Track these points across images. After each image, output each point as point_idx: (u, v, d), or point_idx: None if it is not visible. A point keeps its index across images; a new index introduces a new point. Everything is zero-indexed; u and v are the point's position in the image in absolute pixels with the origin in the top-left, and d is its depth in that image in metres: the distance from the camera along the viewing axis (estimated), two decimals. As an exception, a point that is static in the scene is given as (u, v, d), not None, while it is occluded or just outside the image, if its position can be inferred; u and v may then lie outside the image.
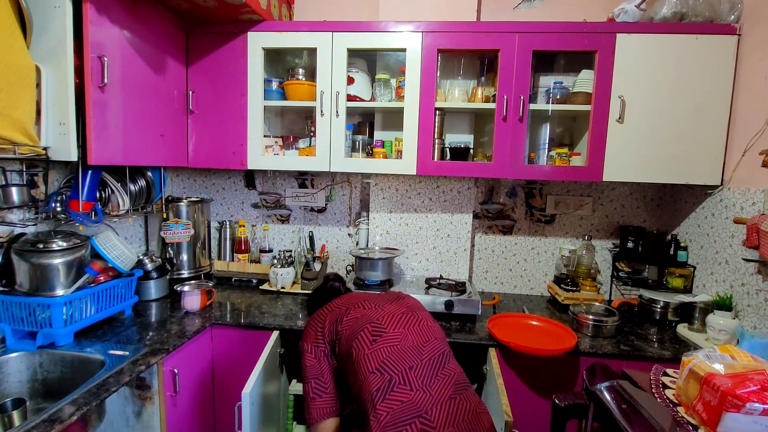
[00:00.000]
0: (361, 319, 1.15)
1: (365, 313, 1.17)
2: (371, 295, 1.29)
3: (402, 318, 1.17)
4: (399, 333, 1.13)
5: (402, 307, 1.22)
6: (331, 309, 1.25)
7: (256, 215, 2.33)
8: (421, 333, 1.16)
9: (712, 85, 1.66)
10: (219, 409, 1.73)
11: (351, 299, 1.26)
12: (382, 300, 1.25)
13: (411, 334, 1.14)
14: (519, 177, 1.82)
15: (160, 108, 1.72)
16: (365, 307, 1.20)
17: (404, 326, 1.15)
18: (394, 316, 1.17)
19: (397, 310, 1.19)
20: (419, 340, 1.13)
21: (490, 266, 2.23)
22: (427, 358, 1.11)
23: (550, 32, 1.70)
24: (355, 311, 1.18)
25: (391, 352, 1.08)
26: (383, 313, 1.17)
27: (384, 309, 1.19)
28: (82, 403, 1.06)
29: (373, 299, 1.25)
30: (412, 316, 1.20)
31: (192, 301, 1.74)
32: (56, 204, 1.53)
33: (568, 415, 1.13)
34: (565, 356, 1.51)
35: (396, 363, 1.07)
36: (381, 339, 1.10)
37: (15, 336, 1.36)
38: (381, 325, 1.13)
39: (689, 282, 1.85)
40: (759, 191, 1.51)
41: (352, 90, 1.89)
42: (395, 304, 1.24)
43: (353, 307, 1.20)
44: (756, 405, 0.78)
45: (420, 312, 1.24)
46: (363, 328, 1.12)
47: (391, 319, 1.16)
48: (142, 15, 1.58)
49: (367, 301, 1.23)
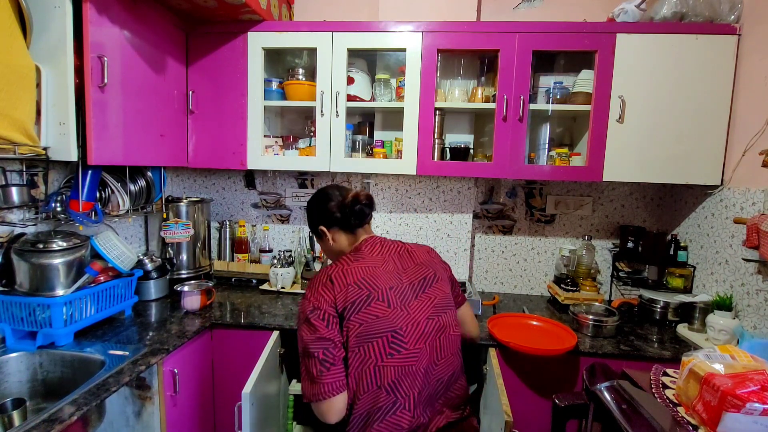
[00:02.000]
0: (383, 320, 1.01)
1: (389, 314, 1.02)
2: (398, 273, 1.10)
3: (426, 328, 1.06)
4: (418, 350, 1.03)
5: (429, 308, 1.09)
6: (347, 281, 1.04)
7: (256, 215, 2.33)
8: (439, 349, 1.07)
9: (712, 85, 1.66)
10: (219, 409, 1.73)
11: (376, 275, 1.06)
12: (410, 287, 1.10)
13: (429, 352, 1.05)
14: (519, 177, 1.82)
15: (160, 108, 1.72)
16: (391, 303, 1.04)
17: (425, 340, 1.05)
18: (419, 324, 1.05)
19: (423, 314, 1.07)
20: (435, 358, 1.06)
21: (490, 266, 2.23)
22: (436, 381, 1.06)
23: (550, 32, 1.70)
24: (377, 305, 1.02)
25: (405, 372, 1.01)
26: (408, 320, 1.04)
27: (410, 310, 1.06)
28: (82, 403, 1.06)
29: (400, 286, 1.08)
30: (436, 324, 1.08)
31: (192, 301, 1.74)
32: (56, 204, 1.53)
33: (568, 415, 1.13)
34: (565, 356, 1.51)
35: (406, 386, 1.01)
36: (398, 355, 1.01)
37: (15, 336, 1.36)
38: (403, 337, 1.02)
39: (689, 282, 1.85)
40: (759, 191, 1.51)
41: (352, 90, 1.89)
42: (422, 296, 1.10)
43: (377, 296, 1.03)
44: (756, 405, 0.78)
45: (444, 314, 1.12)
46: (383, 335, 1.01)
47: (415, 330, 1.04)
48: (142, 15, 1.58)
49: (393, 290, 1.06)
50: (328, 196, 1.22)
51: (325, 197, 1.22)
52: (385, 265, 1.10)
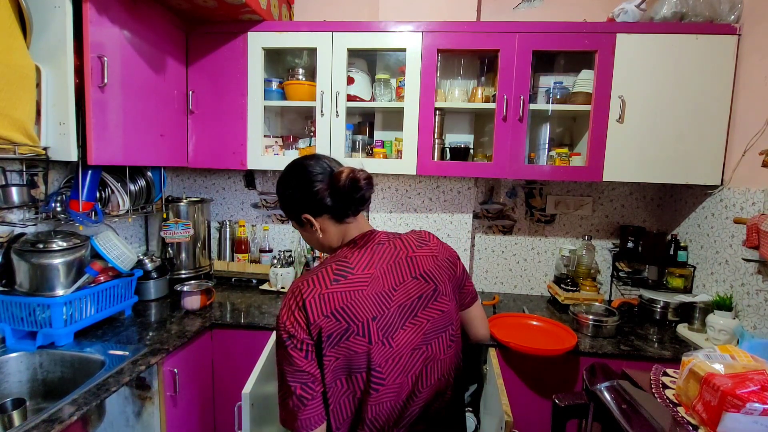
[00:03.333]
0: (361, 356, 0.88)
1: (368, 350, 0.89)
2: (388, 292, 0.93)
3: (409, 361, 0.93)
4: (397, 384, 0.92)
5: (417, 337, 0.94)
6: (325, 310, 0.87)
7: (256, 215, 2.33)
8: (424, 379, 0.95)
9: (712, 85, 1.66)
10: (219, 409, 1.73)
11: (359, 301, 0.90)
12: (397, 314, 0.93)
13: (411, 383, 0.93)
14: (519, 177, 1.82)
15: (160, 108, 1.72)
16: (372, 337, 0.89)
17: (407, 373, 0.93)
18: (402, 357, 0.92)
19: (407, 346, 0.93)
20: (418, 387, 0.95)
21: (490, 266, 2.23)
22: (417, 407, 0.95)
23: (550, 32, 1.70)
24: (355, 340, 0.88)
25: (382, 409, 0.91)
26: (389, 355, 0.91)
27: (393, 343, 0.91)
28: (82, 403, 1.06)
29: (385, 314, 0.92)
30: (422, 354, 0.94)
31: (192, 301, 1.74)
32: (56, 204, 1.53)
33: (568, 415, 1.12)
34: (565, 356, 1.51)
35: (382, 421, 0.92)
36: (375, 393, 0.89)
37: (15, 336, 1.36)
38: (381, 374, 0.90)
39: (689, 282, 1.85)
40: (759, 191, 1.51)
41: (352, 90, 1.89)
42: (410, 324, 0.94)
43: (356, 330, 0.88)
44: (756, 405, 0.78)
45: (435, 341, 0.97)
46: (359, 372, 0.89)
47: (396, 365, 0.91)
48: (142, 15, 1.58)
49: (376, 321, 0.90)
50: (310, 175, 0.95)
51: (306, 176, 0.96)
52: (372, 285, 0.92)
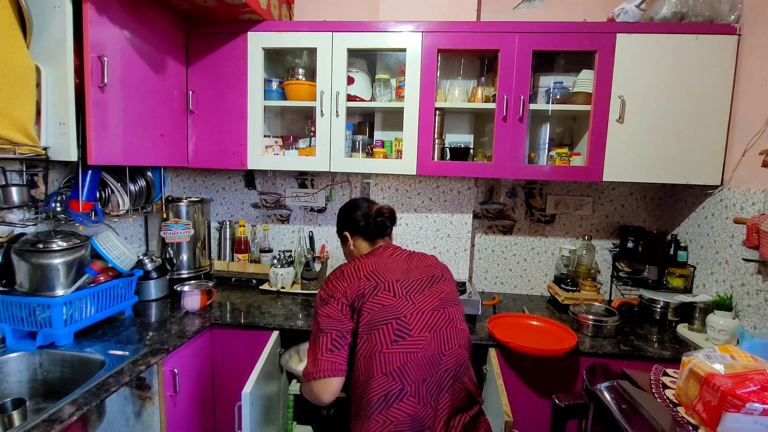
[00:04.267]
0: (388, 308, 1.08)
1: (394, 303, 1.09)
2: (406, 270, 1.19)
3: (431, 318, 1.11)
4: (423, 338, 1.08)
5: (435, 300, 1.15)
6: (358, 274, 1.13)
7: (256, 215, 2.33)
8: (446, 340, 1.11)
9: (712, 85, 1.66)
10: (219, 409, 1.73)
11: (384, 269, 1.16)
12: (416, 282, 1.16)
13: (435, 341, 1.09)
14: (519, 177, 1.82)
15: (160, 108, 1.72)
16: (396, 293, 1.11)
17: (430, 329, 1.09)
18: (424, 313, 1.11)
19: (428, 305, 1.13)
20: (442, 348, 1.10)
21: (490, 266, 2.23)
22: (443, 370, 1.08)
23: (550, 32, 1.70)
24: (383, 295, 1.10)
25: (409, 359, 1.04)
26: (413, 309, 1.10)
27: (415, 300, 1.12)
28: (82, 403, 1.06)
29: (407, 280, 1.15)
30: (442, 315, 1.13)
31: (192, 301, 1.74)
32: (56, 204, 1.53)
33: (568, 415, 1.13)
34: (565, 356, 1.51)
35: (411, 373, 1.04)
36: (403, 342, 1.05)
37: (15, 336, 1.36)
38: (408, 324, 1.07)
39: (689, 282, 1.85)
40: (759, 191, 1.51)
41: (352, 90, 1.89)
42: (428, 291, 1.16)
43: (383, 287, 1.11)
44: (756, 405, 0.78)
45: (451, 308, 1.17)
46: (388, 322, 1.06)
47: (420, 318, 1.09)
48: (142, 15, 1.58)
49: (399, 283, 1.13)
50: (356, 206, 1.36)
51: (353, 207, 1.37)
52: (394, 263, 1.20)
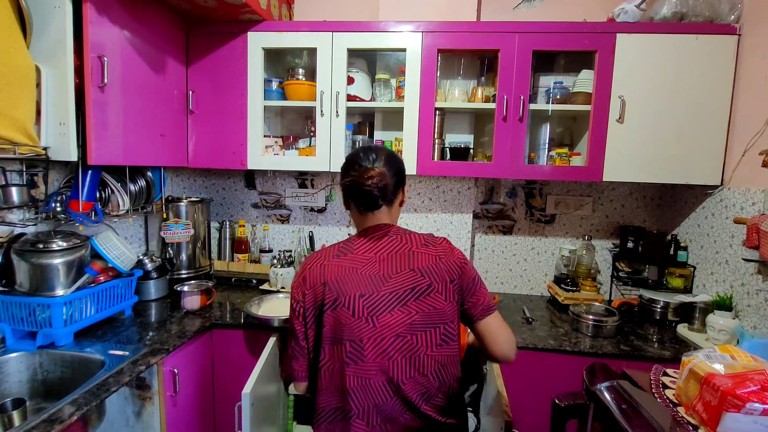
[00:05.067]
0: (345, 327, 0.97)
1: (351, 323, 0.97)
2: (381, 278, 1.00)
3: (391, 346, 0.97)
4: (378, 365, 0.97)
5: (402, 325, 0.98)
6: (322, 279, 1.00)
7: (256, 215, 2.33)
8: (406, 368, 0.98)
9: (712, 85, 1.66)
10: (219, 409, 1.73)
11: (350, 277, 1.00)
12: (386, 298, 0.99)
13: (393, 369, 0.97)
14: (519, 177, 1.82)
15: (160, 108, 1.72)
16: (356, 312, 0.98)
17: (389, 357, 0.97)
18: (384, 339, 0.97)
19: (391, 331, 0.97)
20: (400, 376, 0.98)
21: (490, 266, 2.23)
22: (401, 398, 0.98)
23: (550, 32, 1.70)
24: (342, 311, 0.98)
25: (360, 384, 0.96)
26: (371, 333, 0.97)
27: (377, 323, 0.97)
28: (82, 403, 1.06)
29: (374, 294, 0.99)
30: (406, 343, 0.98)
31: (192, 301, 1.74)
32: (56, 204, 1.53)
33: (568, 415, 1.12)
34: (565, 356, 1.51)
35: (361, 397, 0.97)
36: (354, 366, 0.97)
37: (15, 336, 1.36)
38: (362, 350, 0.97)
39: (689, 282, 1.85)
40: (759, 191, 1.51)
41: (352, 90, 1.89)
42: (398, 311, 0.99)
43: (343, 302, 0.98)
44: (756, 405, 0.78)
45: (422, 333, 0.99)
46: (342, 342, 0.98)
47: (378, 345, 0.97)
48: (142, 15, 1.58)
49: (363, 299, 0.98)
50: (352, 161, 1.08)
51: (349, 160, 1.09)
52: (366, 268, 1.01)
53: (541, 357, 1.54)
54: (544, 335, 1.63)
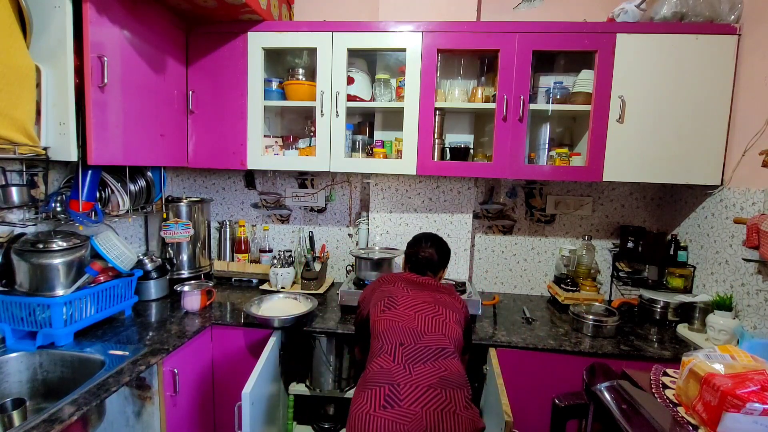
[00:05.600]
0: (385, 372, 1.18)
1: (392, 368, 1.18)
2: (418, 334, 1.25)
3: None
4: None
5: (433, 377, 1.17)
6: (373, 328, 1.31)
7: (256, 215, 2.33)
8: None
9: (712, 85, 1.66)
10: (219, 409, 1.73)
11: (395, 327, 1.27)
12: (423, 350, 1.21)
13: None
14: (519, 177, 1.82)
15: (160, 108, 1.72)
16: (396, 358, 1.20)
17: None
18: (419, 388, 1.14)
19: (425, 381, 1.16)
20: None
21: (490, 266, 2.23)
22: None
23: (550, 32, 1.70)
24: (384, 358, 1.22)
25: (396, 428, 1.08)
26: (408, 380, 1.15)
27: (413, 372, 1.17)
28: (82, 403, 1.06)
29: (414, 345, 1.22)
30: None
31: (192, 301, 1.74)
32: (56, 204, 1.53)
33: (568, 415, 1.13)
34: (565, 356, 1.51)
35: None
36: (391, 409, 1.10)
37: (15, 336, 1.36)
38: (399, 393, 1.13)
39: (689, 282, 1.85)
40: (759, 191, 1.51)
41: (352, 90, 1.89)
42: (431, 365, 1.19)
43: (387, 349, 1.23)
44: (756, 405, 0.78)
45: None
46: (381, 385, 1.15)
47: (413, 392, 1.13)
48: (142, 15, 1.58)
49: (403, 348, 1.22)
50: (415, 241, 1.54)
51: (414, 241, 1.55)
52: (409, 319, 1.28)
53: (541, 357, 1.54)
54: (544, 335, 1.63)
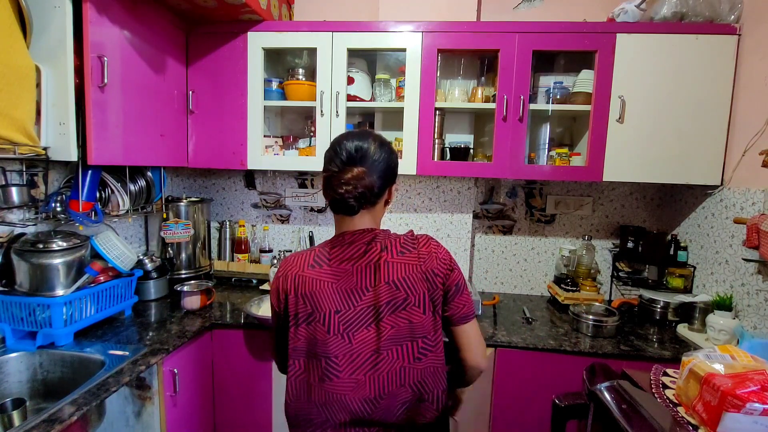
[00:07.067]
0: (320, 343, 0.93)
1: (327, 339, 0.93)
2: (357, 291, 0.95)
3: (368, 360, 0.93)
4: (354, 381, 0.92)
5: (378, 340, 0.93)
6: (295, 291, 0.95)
7: (256, 215, 2.33)
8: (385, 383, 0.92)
9: (712, 85, 1.66)
10: (219, 409, 1.73)
11: (324, 292, 0.94)
12: (362, 313, 0.94)
13: (368, 383, 0.92)
14: (519, 177, 1.82)
15: (160, 108, 1.72)
16: (331, 328, 0.93)
17: (365, 372, 0.93)
18: (361, 355, 0.93)
19: (367, 347, 0.93)
20: (379, 391, 0.92)
21: (490, 266, 2.23)
22: (380, 410, 0.92)
23: (550, 32, 1.70)
24: (317, 326, 0.93)
25: (335, 399, 0.92)
26: (347, 350, 0.93)
27: (354, 339, 0.93)
28: (82, 403, 1.06)
29: (350, 310, 0.94)
30: (383, 359, 0.93)
31: (192, 301, 1.74)
32: (56, 204, 1.53)
33: (568, 415, 1.13)
34: (565, 356, 1.51)
35: (336, 412, 0.92)
36: (330, 383, 0.92)
37: (15, 336, 1.36)
38: (338, 366, 0.92)
39: (689, 282, 1.85)
40: (759, 191, 1.51)
41: (352, 90, 1.89)
42: (374, 327, 0.94)
43: (318, 317, 0.94)
44: (756, 405, 0.78)
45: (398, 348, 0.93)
46: (317, 357, 0.93)
47: (353, 361, 0.93)
48: (142, 15, 1.58)
49: (339, 315, 0.94)
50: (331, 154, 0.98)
51: (329, 153, 0.99)
52: (344, 280, 0.95)
53: (541, 357, 1.54)
54: (544, 335, 1.63)
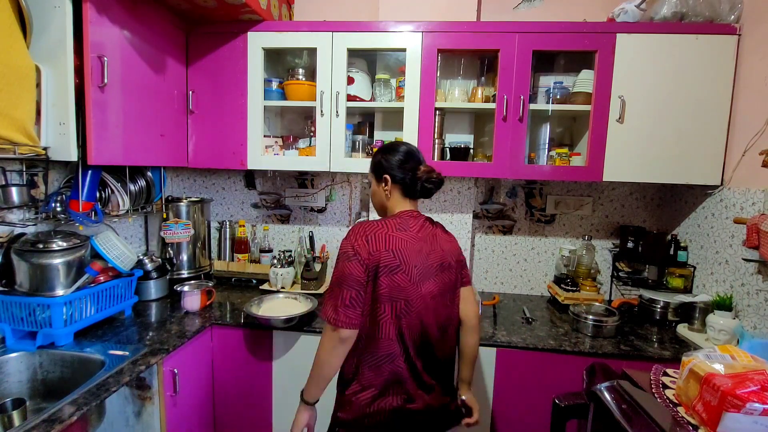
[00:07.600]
0: (401, 289, 1.17)
1: (407, 286, 1.17)
2: (426, 254, 1.22)
3: (429, 301, 1.21)
4: (419, 313, 1.19)
5: (437, 288, 1.23)
6: (386, 246, 1.17)
7: (256, 215, 2.33)
8: (433, 317, 1.23)
9: (712, 85, 1.66)
10: (219, 409, 1.73)
11: (409, 250, 1.19)
12: (429, 269, 1.22)
13: (427, 315, 1.21)
14: (519, 177, 1.82)
15: (160, 108, 1.72)
16: (412, 278, 1.18)
17: (427, 309, 1.21)
18: (424, 298, 1.20)
19: (429, 293, 1.21)
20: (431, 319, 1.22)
21: (490, 266, 2.23)
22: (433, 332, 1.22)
23: (550, 32, 1.70)
24: (401, 276, 1.17)
25: (412, 325, 1.18)
26: (417, 294, 1.19)
27: (422, 287, 1.20)
28: (82, 403, 1.06)
29: (423, 265, 1.21)
30: (436, 301, 1.23)
31: (192, 301, 1.74)
32: (56, 204, 1.53)
33: (568, 415, 1.13)
34: (565, 356, 1.51)
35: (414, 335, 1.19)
36: (405, 319, 1.17)
37: (15, 336, 1.36)
38: (411, 306, 1.18)
39: (689, 282, 1.85)
40: (759, 191, 1.51)
41: (352, 90, 1.89)
42: (434, 279, 1.22)
43: (403, 269, 1.17)
44: (756, 405, 0.78)
45: (444, 298, 1.26)
46: (398, 300, 1.17)
47: (421, 302, 1.19)
48: (142, 15, 1.58)
49: (417, 268, 1.19)
50: (409, 155, 1.32)
51: (407, 155, 1.32)
52: (418, 244, 1.23)
53: (541, 357, 1.54)
54: (544, 335, 1.63)
